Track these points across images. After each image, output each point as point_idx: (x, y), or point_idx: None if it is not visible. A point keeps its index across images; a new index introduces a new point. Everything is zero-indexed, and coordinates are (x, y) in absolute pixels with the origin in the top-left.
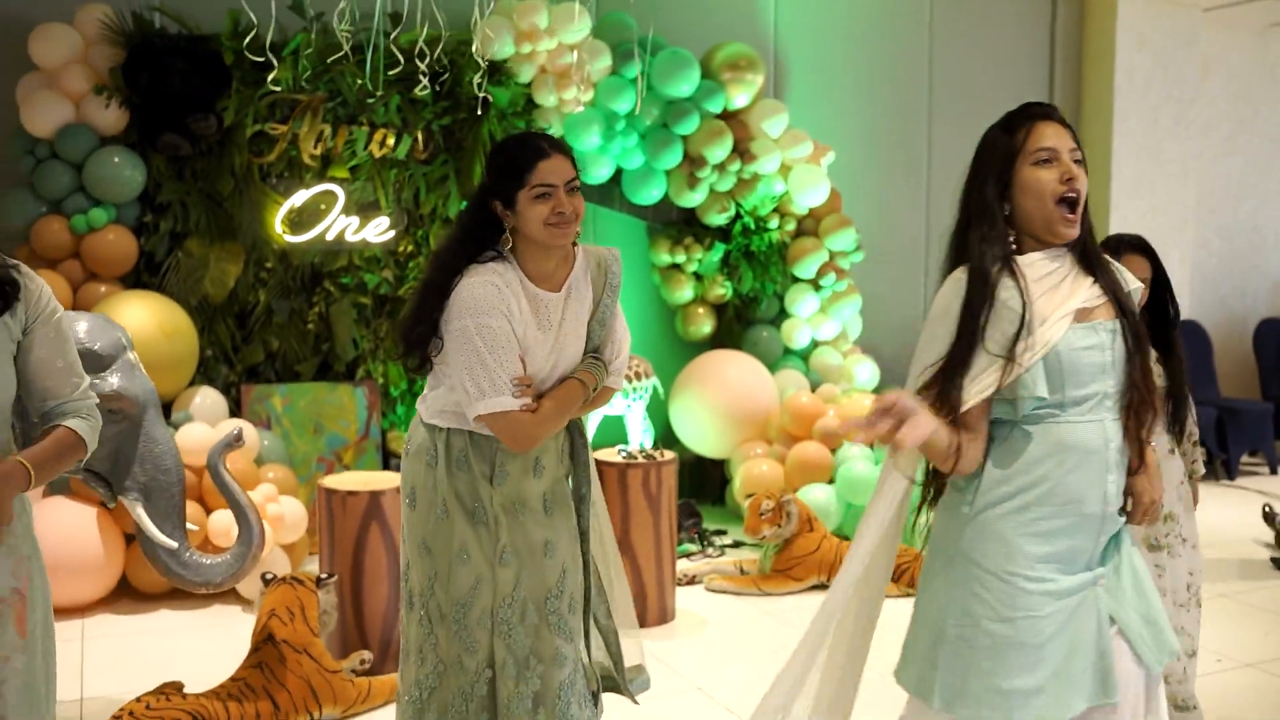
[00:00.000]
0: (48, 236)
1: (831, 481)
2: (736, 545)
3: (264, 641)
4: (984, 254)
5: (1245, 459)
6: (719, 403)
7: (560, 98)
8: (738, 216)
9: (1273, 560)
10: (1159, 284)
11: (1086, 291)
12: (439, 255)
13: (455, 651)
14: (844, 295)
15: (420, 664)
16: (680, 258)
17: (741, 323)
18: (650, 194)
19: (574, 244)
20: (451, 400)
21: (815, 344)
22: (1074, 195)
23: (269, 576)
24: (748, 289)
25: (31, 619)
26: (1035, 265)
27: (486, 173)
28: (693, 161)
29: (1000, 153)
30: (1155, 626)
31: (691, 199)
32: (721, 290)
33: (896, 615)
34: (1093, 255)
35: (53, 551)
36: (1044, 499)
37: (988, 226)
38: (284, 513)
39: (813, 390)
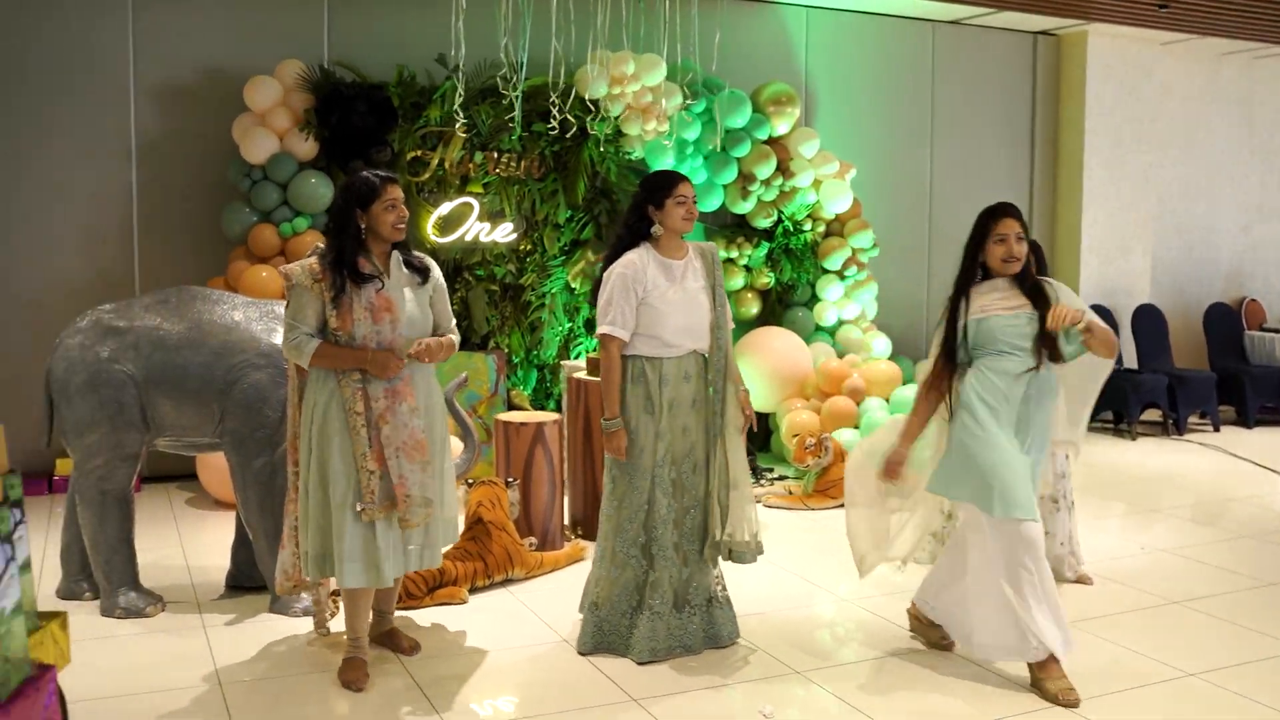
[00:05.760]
0: (261, 240)
1: (857, 426)
2: (782, 478)
3: (475, 523)
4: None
5: (1194, 419)
6: (766, 368)
7: (643, 128)
8: (779, 221)
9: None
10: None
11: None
12: (613, 245)
13: (627, 489)
14: (863, 283)
15: (610, 497)
16: (734, 253)
17: (782, 305)
18: (711, 203)
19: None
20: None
21: (841, 322)
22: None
23: (471, 481)
24: (787, 278)
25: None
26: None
27: (642, 188)
28: (745, 178)
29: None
30: None
31: (743, 207)
32: (766, 279)
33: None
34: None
35: None
36: None
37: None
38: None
39: (839, 357)
